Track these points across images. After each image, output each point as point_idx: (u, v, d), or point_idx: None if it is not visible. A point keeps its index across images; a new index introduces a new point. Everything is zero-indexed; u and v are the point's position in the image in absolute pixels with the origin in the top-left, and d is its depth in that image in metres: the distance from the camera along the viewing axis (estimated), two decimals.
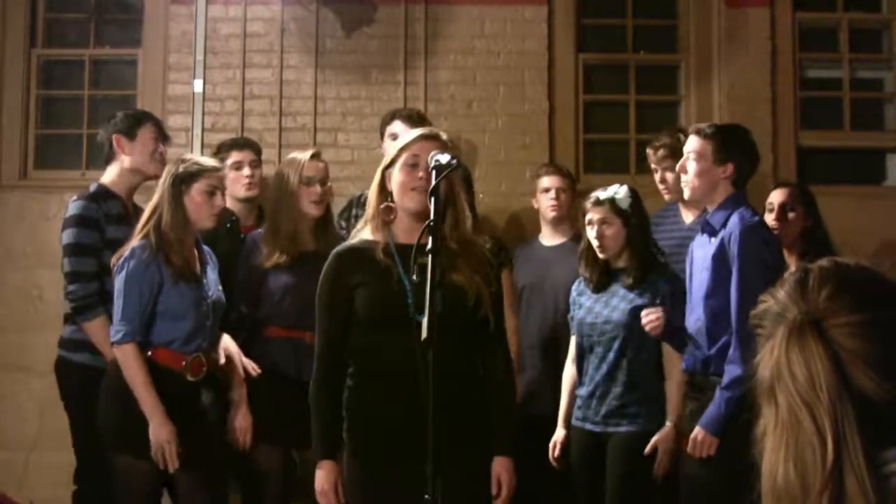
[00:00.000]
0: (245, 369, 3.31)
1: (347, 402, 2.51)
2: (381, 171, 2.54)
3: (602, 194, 3.42)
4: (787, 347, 1.17)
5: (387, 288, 2.42)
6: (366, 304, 2.46)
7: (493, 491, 2.46)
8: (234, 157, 3.88)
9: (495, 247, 3.70)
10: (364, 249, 2.50)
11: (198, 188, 3.16)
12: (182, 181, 3.15)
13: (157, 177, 3.50)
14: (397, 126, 3.97)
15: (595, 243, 3.40)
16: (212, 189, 3.18)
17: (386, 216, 2.49)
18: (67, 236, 3.40)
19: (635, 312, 3.28)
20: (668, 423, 3.27)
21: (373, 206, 2.53)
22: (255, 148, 4.01)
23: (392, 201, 2.50)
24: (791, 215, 3.72)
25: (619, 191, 3.42)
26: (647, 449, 3.24)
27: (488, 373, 2.57)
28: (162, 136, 3.62)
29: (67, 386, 3.46)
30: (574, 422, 3.44)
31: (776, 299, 1.24)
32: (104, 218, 3.40)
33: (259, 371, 3.31)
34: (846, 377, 1.14)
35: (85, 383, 3.33)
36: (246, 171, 3.85)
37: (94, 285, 3.34)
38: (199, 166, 3.21)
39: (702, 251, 3.17)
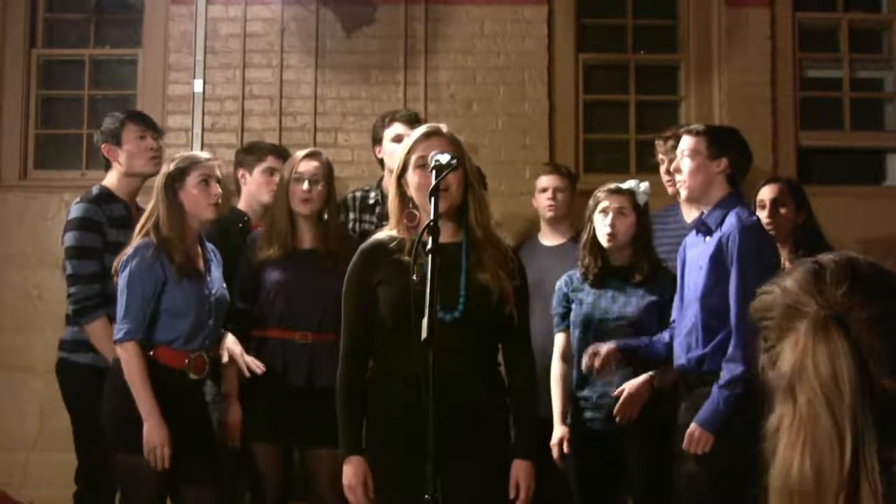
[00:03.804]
0: (249, 368, 3.28)
1: (367, 398, 2.53)
2: (395, 179, 2.54)
3: (622, 185, 3.42)
4: (814, 342, 1.14)
5: (410, 287, 2.36)
6: (385, 302, 2.48)
7: (511, 494, 2.46)
8: (270, 162, 3.88)
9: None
10: (390, 247, 2.51)
11: (191, 181, 3.16)
12: (175, 179, 3.15)
13: (154, 174, 3.51)
14: (399, 128, 3.95)
15: (606, 230, 3.35)
16: (205, 178, 3.18)
17: (410, 223, 2.50)
18: (69, 239, 3.41)
19: (650, 309, 3.29)
20: (645, 376, 3.25)
21: (395, 216, 2.54)
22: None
23: (413, 207, 2.51)
24: (782, 211, 3.73)
25: (639, 185, 3.42)
26: (616, 391, 3.25)
27: (510, 374, 2.58)
28: (150, 131, 3.59)
29: (70, 387, 3.46)
30: (584, 423, 3.40)
31: (785, 290, 1.21)
32: (106, 221, 3.41)
33: (263, 368, 3.28)
34: (868, 374, 1.12)
35: (88, 383, 3.35)
36: (277, 178, 3.86)
37: (96, 287, 3.35)
38: (189, 160, 3.22)
39: (695, 251, 3.17)
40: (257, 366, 3.28)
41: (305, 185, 3.36)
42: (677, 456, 3.12)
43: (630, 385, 3.24)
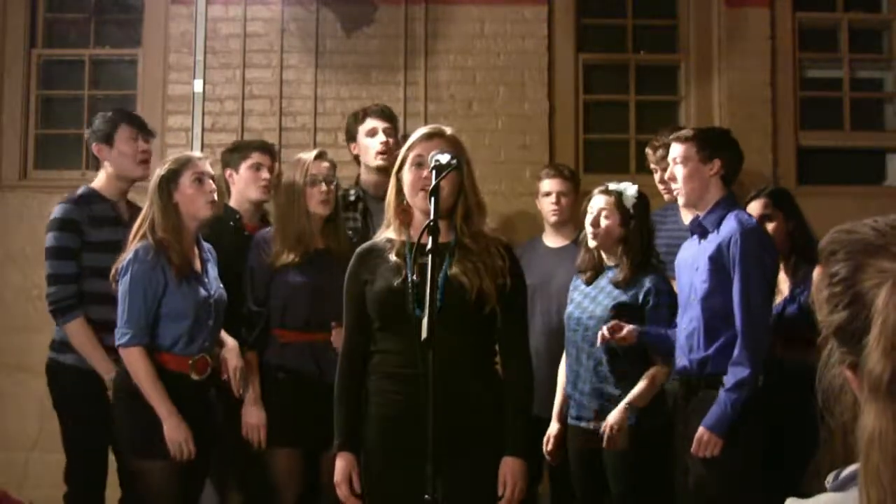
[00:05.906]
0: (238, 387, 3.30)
1: (364, 396, 2.54)
2: (394, 173, 2.57)
3: (611, 186, 3.43)
4: None
5: (391, 286, 2.45)
6: (371, 301, 2.51)
7: (500, 491, 2.45)
8: (256, 158, 3.88)
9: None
10: (382, 248, 2.56)
11: (185, 181, 3.15)
12: (168, 180, 3.14)
13: (143, 178, 3.50)
14: (371, 122, 3.99)
15: (589, 230, 3.38)
16: (198, 176, 3.18)
17: (405, 218, 2.54)
18: (48, 239, 3.44)
19: (616, 310, 3.28)
20: (623, 405, 3.21)
21: (392, 209, 2.57)
22: (273, 154, 4.03)
23: (407, 203, 2.54)
24: (771, 226, 3.68)
25: (628, 188, 3.42)
26: (603, 427, 3.20)
27: (504, 372, 2.59)
28: (142, 133, 3.59)
29: (59, 387, 3.46)
30: (570, 420, 3.42)
31: (873, 227, 1.01)
32: (87, 221, 3.41)
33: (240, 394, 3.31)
34: None
35: (76, 384, 3.36)
36: (264, 174, 3.86)
37: (72, 287, 3.36)
38: (181, 161, 3.22)
39: (690, 251, 3.18)
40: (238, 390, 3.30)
41: (324, 187, 3.39)
42: (680, 457, 3.12)
43: (612, 419, 3.20)
